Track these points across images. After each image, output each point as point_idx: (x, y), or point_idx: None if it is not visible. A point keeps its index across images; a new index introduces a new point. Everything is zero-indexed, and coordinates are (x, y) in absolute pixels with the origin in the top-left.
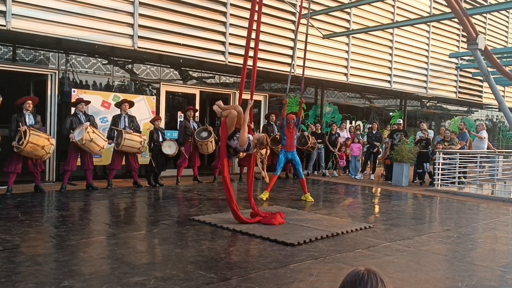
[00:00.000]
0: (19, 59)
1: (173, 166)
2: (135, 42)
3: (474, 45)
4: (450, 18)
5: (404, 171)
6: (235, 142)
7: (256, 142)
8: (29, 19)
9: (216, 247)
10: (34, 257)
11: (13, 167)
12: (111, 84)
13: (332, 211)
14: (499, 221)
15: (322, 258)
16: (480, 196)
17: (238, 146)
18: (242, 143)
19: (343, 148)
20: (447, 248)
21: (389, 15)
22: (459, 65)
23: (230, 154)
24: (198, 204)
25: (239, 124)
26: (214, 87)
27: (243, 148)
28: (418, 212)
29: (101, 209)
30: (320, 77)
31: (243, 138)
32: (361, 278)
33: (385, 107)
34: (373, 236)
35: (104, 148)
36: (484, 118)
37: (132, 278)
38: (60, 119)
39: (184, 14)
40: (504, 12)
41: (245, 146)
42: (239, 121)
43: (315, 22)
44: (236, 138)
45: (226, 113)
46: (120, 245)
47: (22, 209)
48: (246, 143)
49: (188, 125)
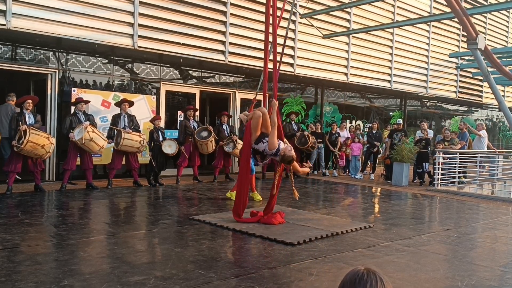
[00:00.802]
0: (19, 58)
1: (173, 165)
2: (135, 41)
3: (474, 45)
4: (450, 18)
5: (404, 171)
6: (264, 145)
7: (283, 155)
8: (29, 19)
9: (216, 246)
10: (34, 256)
11: (13, 166)
12: (111, 83)
13: (332, 211)
14: (499, 221)
15: (322, 257)
16: (480, 196)
17: (267, 149)
18: (272, 147)
19: (343, 148)
20: (447, 248)
21: (389, 15)
22: (459, 65)
23: (256, 160)
24: (198, 203)
25: (264, 127)
26: (214, 87)
27: (271, 152)
28: (418, 211)
29: (101, 208)
30: (320, 77)
31: (272, 141)
32: (360, 278)
33: (385, 106)
34: (373, 236)
35: (103, 148)
36: (484, 118)
37: (132, 278)
38: (60, 118)
39: (184, 13)
40: (504, 12)
41: (274, 150)
42: (264, 123)
43: (315, 22)
44: (265, 141)
45: (251, 115)
46: (120, 244)
47: (22, 208)
48: (275, 147)
49: (188, 124)
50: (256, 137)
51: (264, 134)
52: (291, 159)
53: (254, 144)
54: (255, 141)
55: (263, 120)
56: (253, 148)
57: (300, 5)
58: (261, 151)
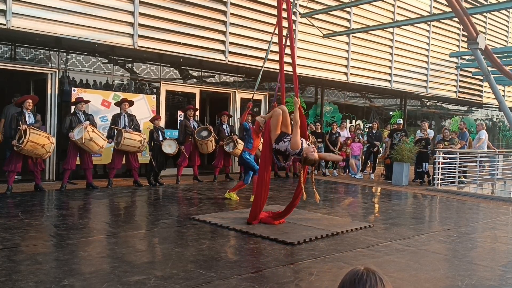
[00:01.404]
0: (19, 58)
1: (173, 165)
2: (135, 41)
3: (474, 45)
4: (450, 17)
5: (404, 171)
6: (286, 144)
7: (305, 157)
8: (29, 18)
9: (216, 246)
10: (34, 256)
11: (13, 166)
12: (111, 83)
13: (332, 211)
14: (499, 221)
15: (322, 257)
16: (480, 195)
17: (289, 148)
18: (295, 146)
19: (343, 148)
20: (447, 248)
21: (389, 15)
22: (459, 65)
23: (278, 160)
24: (198, 203)
25: (285, 126)
26: (214, 86)
27: (295, 152)
28: (418, 211)
29: (101, 208)
30: (320, 76)
31: (295, 140)
32: (360, 277)
33: (385, 106)
34: (373, 236)
35: (103, 148)
36: (484, 118)
37: (132, 277)
38: (60, 118)
39: (184, 13)
40: (504, 12)
41: (298, 150)
42: (284, 121)
43: (316, 21)
44: (286, 140)
45: (270, 114)
46: (120, 244)
47: (22, 208)
48: (299, 147)
49: (188, 124)
50: (276, 136)
51: (285, 132)
52: (313, 162)
53: (274, 143)
54: (275, 140)
55: (283, 118)
56: (274, 149)
57: (300, 5)
58: (283, 151)
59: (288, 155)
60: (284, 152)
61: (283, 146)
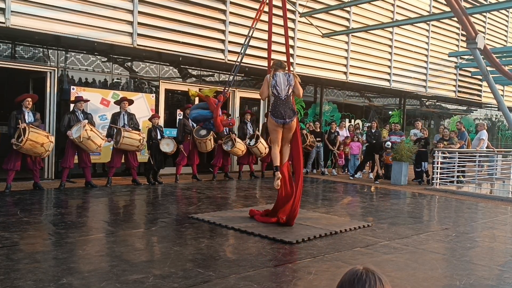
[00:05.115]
0: (18, 56)
1: (172, 164)
2: (134, 40)
3: (473, 44)
4: (449, 17)
5: (403, 170)
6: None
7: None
8: (28, 16)
9: (214, 245)
10: (32, 255)
11: (12, 165)
12: (110, 81)
13: (330, 210)
14: (498, 220)
15: (320, 256)
16: (478, 195)
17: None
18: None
19: (341, 147)
20: (445, 247)
21: (389, 14)
22: (459, 64)
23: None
24: (197, 202)
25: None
26: (214, 85)
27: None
28: (416, 211)
29: (100, 206)
30: (319, 76)
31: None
32: (359, 277)
33: (385, 105)
34: (371, 235)
35: (101, 147)
36: (483, 117)
37: (130, 276)
38: (59, 116)
39: (184, 12)
40: (503, 12)
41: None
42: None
43: (315, 21)
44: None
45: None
46: (119, 242)
47: (21, 207)
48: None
49: (187, 123)
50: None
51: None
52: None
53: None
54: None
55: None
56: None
57: (300, 4)
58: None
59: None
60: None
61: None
